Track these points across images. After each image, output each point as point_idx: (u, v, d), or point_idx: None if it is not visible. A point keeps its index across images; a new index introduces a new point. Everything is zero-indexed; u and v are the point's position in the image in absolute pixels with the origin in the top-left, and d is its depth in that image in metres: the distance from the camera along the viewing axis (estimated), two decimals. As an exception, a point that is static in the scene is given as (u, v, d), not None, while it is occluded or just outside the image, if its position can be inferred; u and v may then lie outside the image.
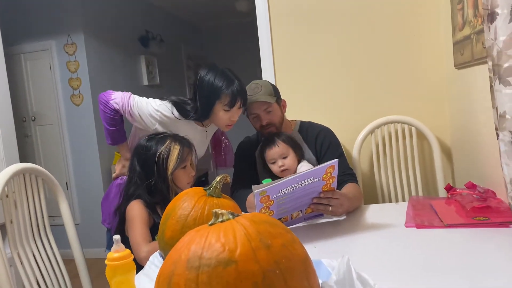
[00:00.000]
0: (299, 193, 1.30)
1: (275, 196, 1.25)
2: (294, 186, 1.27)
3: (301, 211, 1.39)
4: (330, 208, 1.38)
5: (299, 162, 1.66)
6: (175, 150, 1.51)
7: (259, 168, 1.77)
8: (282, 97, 1.81)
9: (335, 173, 1.33)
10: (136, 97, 1.73)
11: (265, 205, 1.26)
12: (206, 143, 1.90)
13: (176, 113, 1.69)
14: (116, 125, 1.76)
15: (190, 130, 1.74)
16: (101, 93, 1.76)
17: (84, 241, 1.77)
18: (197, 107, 1.68)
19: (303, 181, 1.27)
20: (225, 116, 1.67)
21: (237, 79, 1.66)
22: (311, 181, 1.29)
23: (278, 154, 1.62)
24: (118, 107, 1.70)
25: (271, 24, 2.27)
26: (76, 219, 3.71)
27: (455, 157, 2.10)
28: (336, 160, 1.31)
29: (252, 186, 1.23)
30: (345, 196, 1.44)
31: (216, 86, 1.63)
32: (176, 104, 1.70)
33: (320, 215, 1.46)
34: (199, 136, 1.79)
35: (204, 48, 6.33)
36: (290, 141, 1.66)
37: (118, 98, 1.71)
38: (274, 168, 1.64)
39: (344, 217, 1.49)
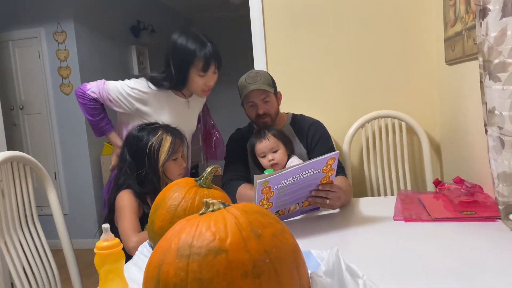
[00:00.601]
0: (299, 185, 1.30)
1: (276, 187, 1.25)
2: (295, 177, 1.26)
3: (298, 204, 1.39)
4: (328, 201, 1.39)
5: (289, 156, 1.66)
6: (167, 141, 1.50)
7: (250, 160, 1.77)
8: (275, 90, 1.81)
9: (335, 165, 1.33)
10: (111, 82, 1.73)
11: (265, 196, 1.25)
12: (191, 115, 1.85)
13: (152, 86, 1.69)
14: (99, 114, 1.75)
15: (171, 102, 1.74)
16: (77, 88, 1.76)
17: (73, 231, 1.76)
18: (171, 74, 1.67)
19: (304, 172, 1.27)
20: (200, 81, 1.67)
21: (210, 42, 1.65)
22: (311, 173, 1.29)
23: (268, 148, 1.61)
24: (96, 96, 1.71)
25: (264, 17, 2.26)
26: (65, 209, 3.68)
27: (444, 152, 2.13)
28: (337, 152, 1.32)
29: (254, 175, 1.22)
30: (342, 189, 1.45)
31: (189, 50, 1.62)
32: (151, 78, 1.71)
33: (316, 209, 1.46)
34: (181, 108, 1.78)
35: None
36: (281, 135, 1.65)
37: (93, 87, 1.72)
38: (264, 162, 1.63)
39: (338, 210, 1.50)
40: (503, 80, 1.10)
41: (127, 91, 1.69)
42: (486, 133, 1.21)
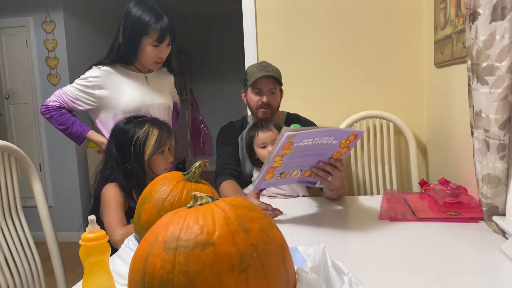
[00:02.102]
0: (313, 150, 1.27)
1: (296, 144, 1.22)
2: (316, 139, 1.23)
3: (300, 171, 1.37)
4: (330, 178, 1.36)
5: None
6: (153, 135, 1.47)
7: (241, 152, 1.76)
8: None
9: (353, 144, 1.32)
10: (68, 85, 1.76)
11: (282, 152, 1.23)
12: (153, 91, 1.81)
13: (102, 67, 1.72)
14: (69, 120, 1.74)
15: (128, 79, 1.74)
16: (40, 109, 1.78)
17: (57, 224, 1.74)
18: (119, 43, 1.69)
19: (325, 138, 1.24)
20: (153, 52, 1.68)
21: (167, 15, 1.67)
22: (329, 141, 1.26)
23: (270, 139, 1.60)
24: (58, 104, 1.73)
25: (256, 14, 2.26)
26: (49, 201, 3.63)
27: (430, 153, 2.15)
28: (362, 131, 1.31)
29: (283, 127, 1.21)
30: (344, 171, 1.43)
31: (144, 21, 1.64)
32: (98, 61, 1.75)
33: (313, 183, 1.45)
34: (140, 83, 1.77)
35: (187, 34, 6.26)
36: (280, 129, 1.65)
37: (53, 97, 1.75)
38: (263, 153, 1.62)
39: (327, 206, 1.50)
40: (490, 83, 1.12)
41: (81, 83, 1.71)
42: (472, 136, 1.23)
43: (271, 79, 1.67)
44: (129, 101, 1.70)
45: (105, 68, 1.72)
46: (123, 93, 1.71)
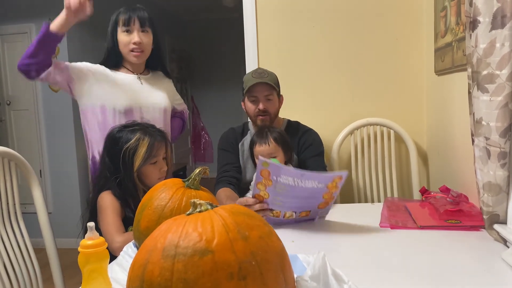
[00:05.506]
0: (299, 192, 1.28)
1: (275, 178, 1.23)
2: (297, 181, 1.24)
3: (295, 212, 1.36)
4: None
5: (285, 163, 1.64)
6: (143, 146, 1.40)
7: (242, 159, 1.76)
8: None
9: (341, 184, 1.30)
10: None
11: (263, 181, 1.24)
12: (148, 91, 1.80)
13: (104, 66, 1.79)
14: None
15: (124, 79, 1.77)
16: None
17: (56, 230, 1.73)
18: (107, 48, 1.77)
19: (307, 181, 1.25)
20: (125, 38, 1.71)
21: (142, 7, 1.76)
22: (315, 186, 1.27)
23: (266, 153, 1.58)
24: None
25: (257, 21, 2.27)
26: (49, 207, 3.63)
27: (430, 161, 2.15)
28: (346, 172, 1.29)
29: (260, 156, 1.24)
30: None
31: (116, 16, 1.74)
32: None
33: (312, 219, 1.43)
34: (131, 82, 1.78)
35: (189, 41, 6.29)
36: (282, 141, 1.62)
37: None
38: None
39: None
40: (490, 91, 1.12)
41: (86, 64, 1.77)
42: (472, 143, 1.23)
43: (266, 86, 1.67)
44: (119, 98, 1.70)
45: (99, 65, 1.78)
46: (114, 87, 1.72)
